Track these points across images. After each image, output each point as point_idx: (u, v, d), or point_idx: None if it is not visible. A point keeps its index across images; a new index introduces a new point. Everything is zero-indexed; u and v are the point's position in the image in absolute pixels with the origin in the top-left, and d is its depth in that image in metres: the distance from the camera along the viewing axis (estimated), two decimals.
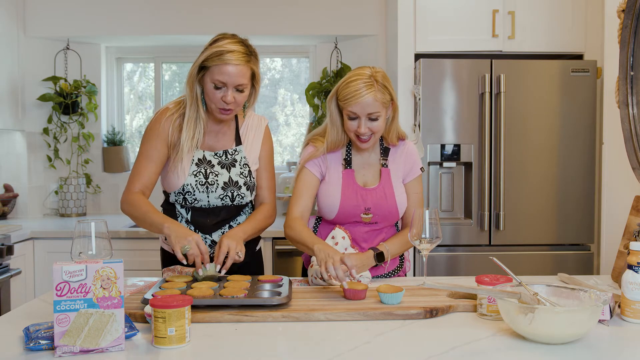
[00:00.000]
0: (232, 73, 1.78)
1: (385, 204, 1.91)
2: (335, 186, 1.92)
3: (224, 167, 1.93)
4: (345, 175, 1.93)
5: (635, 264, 1.44)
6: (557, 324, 1.24)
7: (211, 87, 1.82)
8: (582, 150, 3.02)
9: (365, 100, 1.78)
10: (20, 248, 3.03)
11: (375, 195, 1.91)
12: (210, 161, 1.92)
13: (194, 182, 1.89)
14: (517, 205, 2.99)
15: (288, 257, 3.21)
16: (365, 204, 1.90)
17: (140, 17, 3.71)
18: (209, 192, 1.91)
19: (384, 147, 1.97)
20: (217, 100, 1.83)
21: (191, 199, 1.91)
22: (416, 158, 1.99)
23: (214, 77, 1.80)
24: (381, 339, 1.32)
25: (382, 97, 1.81)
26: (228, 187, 1.92)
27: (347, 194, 1.91)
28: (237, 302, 1.48)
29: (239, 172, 1.95)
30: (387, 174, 1.94)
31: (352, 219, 1.92)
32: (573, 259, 3.02)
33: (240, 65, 1.79)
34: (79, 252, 1.41)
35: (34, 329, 1.30)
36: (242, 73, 1.80)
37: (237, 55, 1.79)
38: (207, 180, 1.90)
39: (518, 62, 2.99)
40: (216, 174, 1.91)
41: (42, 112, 3.77)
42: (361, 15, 3.72)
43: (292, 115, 4.29)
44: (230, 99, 1.81)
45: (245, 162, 1.96)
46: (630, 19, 2.05)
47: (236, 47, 1.80)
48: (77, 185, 3.76)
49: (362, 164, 1.96)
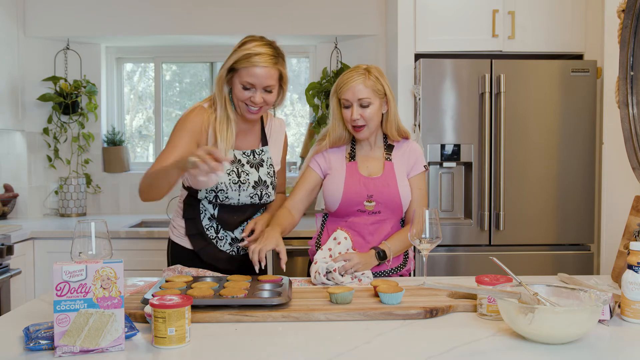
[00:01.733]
0: (260, 75, 1.83)
1: (388, 192, 1.95)
2: (339, 177, 1.99)
3: (252, 166, 1.99)
4: (349, 167, 2.00)
5: (635, 264, 1.44)
6: (557, 324, 1.24)
7: (240, 88, 1.87)
8: (582, 150, 3.02)
9: (356, 86, 1.91)
10: (20, 248, 3.03)
11: (378, 183, 1.96)
12: (240, 160, 1.97)
13: (227, 181, 1.93)
14: (517, 205, 2.99)
15: (288, 257, 3.20)
16: (368, 190, 1.95)
17: (140, 17, 3.71)
18: (240, 191, 1.95)
19: (387, 144, 2.04)
20: (245, 99, 1.88)
21: (222, 197, 1.95)
22: (419, 155, 2.05)
23: (242, 79, 1.85)
24: (381, 339, 1.32)
25: (372, 85, 1.91)
26: (258, 186, 1.98)
27: (350, 182, 1.97)
28: (237, 302, 1.48)
29: (267, 172, 2.01)
30: (390, 166, 2.00)
31: (355, 207, 1.96)
32: (573, 259, 3.02)
33: (268, 68, 1.84)
34: (79, 252, 1.41)
35: (34, 329, 1.30)
36: (270, 75, 1.85)
37: (265, 57, 1.84)
38: (239, 179, 1.95)
39: (518, 62, 2.99)
40: (247, 173, 1.97)
41: (42, 112, 3.77)
42: (361, 15, 3.72)
43: (292, 115, 4.29)
44: (259, 99, 1.86)
45: (270, 162, 2.03)
46: (630, 19, 2.05)
47: (264, 49, 1.85)
48: (77, 185, 3.76)
49: (366, 158, 2.03)
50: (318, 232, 2.08)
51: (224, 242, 2.03)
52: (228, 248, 2.04)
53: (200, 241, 2.01)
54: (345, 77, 1.94)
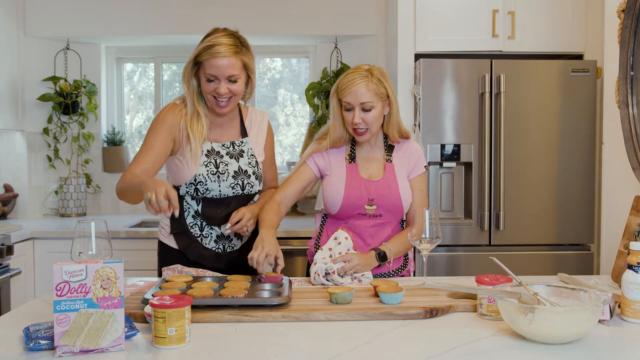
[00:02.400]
0: (221, 65, 1.85)
1: (389, 195, 1.93)
2: (339, 179, 1.96)
3: (232, 157, 1.99)
4: (349, 168, 1.97)
5: (635, 264, 1.44)
6: (557, 324, 1.24)
7: (205, 81, 1.89)
8: (582, 150, 3.02)
9: (359, 90, 1.86)
10: (20, 248, 3.03)
11: (379, 186, 1.94)
12: (219, 152, 1.98)
13: (205, 172, 1.93)
14: (517, 205, 2.99)
15: (288, 257, 3.21)
16: (369, 194, 1.93)
17: (140, 17, 3.71)
18: (220, 181, 1.95)
19: (388, 145, 2.01)
20: (211, 92, 1.89)
21: (203, 189, 1.95)
22: (420, 156, 2.03)
23: (205, 70, 1.87)
24: (381, 339, 1.32)
25: (375, 88, 1.87)
26: (238, 176, 1.98)
27: (350, 185, 1.94)
28: (237, 302, 1.48)
29: (247, 162, 2.01)
30: (391, 168, 1.98)
31: (356, 210, 1.94)
32: (573, 259, 3.02)
33: (228, 57, 1.85)
34: (79, 252, 1.41)
35: (34, 329, 1.30)
36: (232, 64, 1.86)
37: (226, 47, 1.85)
38: (217, 169, 1.95)
39: (518, 62, 2.99)
40: (226, 164, 1.97)
41: (42, 112, 3.77)
42: (361, 15, 3.72)
43: (292, 115, 4.29)
44: (223, 90, 1.87)
45: (252, 152, 2.03)
46: (630, 19, 2.05)
47: (224, 39, 1.86)
48: (77, 185, 3.76)
49: (366, 159, 2.00)
50: (317, 232, 2.06)
51: (209, 239, 2.01)
52: (213, 245, 2.02)
53: (184, 239, 2.00)
54: (347, 78, 1.90)
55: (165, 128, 1.94)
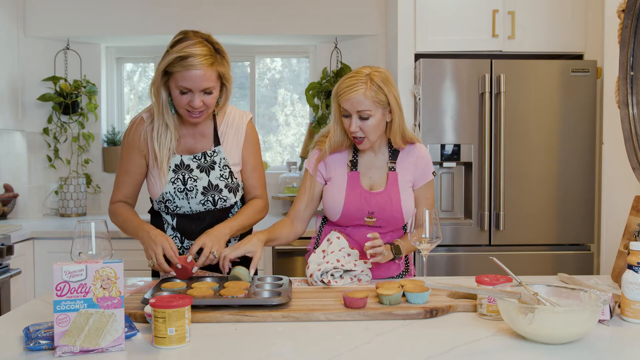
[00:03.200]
0: (196, 78, 1.71)
1: (390, 209, 1.87)
2: (339, 188, 1.90)
3: (203, 170, 1.87)
4: (350, 177, 1.91)
5: (635, 264, 1.44)
6: (557, 324, 1.24)
7: (177, 93, 1.75)
8: (582, 150, 3.02)
9: (355, 97, 1.76)
10: (20, 248, 3.03)
11: (380, 199, 1.88)
12: (188, 165, 1.86)
13: (172, 190, 1.85)
14: (517, 205, 2.99)
15: (288, 257, 3.21)
16: (370, 207, 1.88)
17: (140, 17, 3.71)
18: (189, 199, 1.86)
19: (392, 150, 1.92)
20: (184, 105, 1.76)
21: (172, 206, 1.88)
22: (428, 162, 1.94)
23: (178, 83, 1.73)
24: (381, 339, 1.32)
25: (373, 96, 1.77)
26: (208, 192, 1.87)
27: (351, 197, 1.88)
28: (237, 302, 1.48)
29: (219, 175, 1.88)
30: (394, 177, 1.90)
31: (355, 221, 1.91)
32: (573, 259, 3.02)
33: (203, 70, 1.71)
34: (79, 252, 1.41)
35: (34, 329, 1.30)
36: (207, 77, 1.72)
37: (200, 59, 1.70)
38: (185, 186, 1.85)
39: (518, 62, 2.99)
40: (195, 179, 1.86)
41: (42, 112, 3.77)
42: (361, 15, 3.72)
43: (292, 115, 4.29)
44: (197, 103, 1.74)
45: (225, 163, 1.90)
46: (630, 19, 2.05)
47: (198, 49, 1.71)
48: (77, 185, 3.76)
49: (368, 166, 1.93)
50: (317, 234, 2.04)
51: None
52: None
53: None
54: (345, 83, 1.80)
55: (134, 148, 1.87)
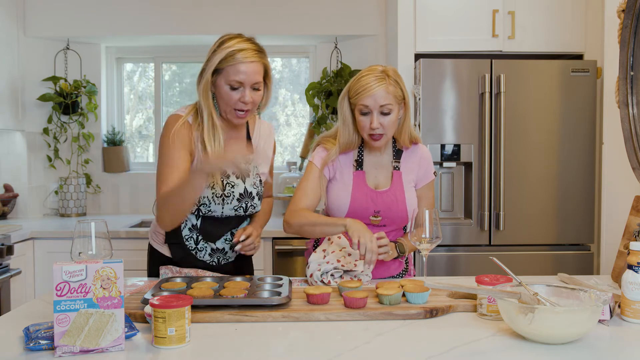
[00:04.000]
0: (248, 71, 1.76)
1: (396, 208, 1.89)
2: (345, 187, 1.91)
3: (238, 177, 1.89)
4: (356, 176, 1.91)
5: (635, 264, 1.44)
6: (557, 324, 1.24)
7: (227, 90, 1.77)
8: (582, 150, 3.02)
9: (378, 93, 1.78)
10: (20, 248, 3.03)
11: (386, 198, 1.89)
12: (225, 171, 1.85)
13: (210, 195, 1.84)
14: (517, 205, 2.99)
15: (288, 257, 3.21)
16: (375, 206, 1.89)
17: (140, 17, 3.71)
18: (224, 204, 1.86)
19: (396, 150, 1.95)
20: (234, 103, 1.78)
21: (205, 210, 1.86)
22: (429, 162, 1.97)
23: (229, 78, 1.76)
24: (381, 339, 1.32)
25: (394, 91, 1.80)
26: (243, 199, 1.89)
27: (357, 196, 1.89)
28: (237, 302, 1.48)
29: (253, 183, 1.92)
30: (399, 176, 1.92)
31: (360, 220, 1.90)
32: (573, 259, 3.02)
33: (255, 62, 1.77)
34: (79, 252, 1.41)
35: (34, 329, 1.30)
36: (257, 70, 1.78)
37: (250, 52, 1.76)
38: (223, 192, 1.85)
39: (518, 62, 2.99)
40: (232, 185, 1.87)
41: (42, 112, 3.77)
42: (361, 15, 3.72)
43: (292, 115, 4.29)
44: (249, 98, 1.77)
45: (257, 171, 1.94)
46: (630, 19, 2.05)
47: (247, 45, 1.78)
48: (77, 185, 3.76)
49: (374, 165, 1.94)
50: None
51: (204, 252, 1.93)
52: (208, 259, 1.94)
53: (179, 251, 1.92)
54: (363, 81, 1.80)
55: (182, 144, 1.81)
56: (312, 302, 1.52)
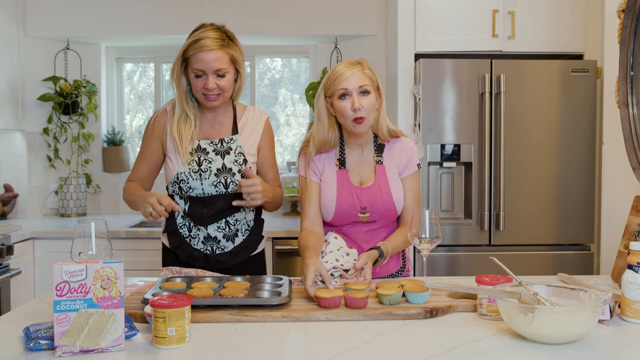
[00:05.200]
0: (208, 59, 1.83)
1: (381, 201, 1.89)
2: (330, 187, 1.91)
3: (218, 154, 1.96)
4: (339, 175, 1.92)
5: (635, 264, 1.44)
6: (557, 324, 1.24)
7: (193, 77, 1.88)
8: (582, 150, 3.02)
9: (355, 74, 1.82)
10: (20, 248, 3.03)
11: (370, 193, 1.89)
12: (205, 149, 1.96)
13: (187, 170, 1.93)
14: (517, 205, 2.99)
15: (288, 257, 3.21)
16: (361, 202, 1.89)
17: (140, 17, 3.71)
18: (202, 180, 1.93)
19: (378, 144, 1.95)
20: (200, 89, 1.88)
21: (186, 187, 1.95)
22: (412, 154, 1.95)
23: (193, 66, 1.86)
24: (381, 339, 1.32)
25: (369, 74, 1.85)
26: (221, 174, 1.94)
27: (342, 195, 1.89)
28: (237, 302, 1.48)
29: (233, 160, 1.96)
30: (382, 170, 1.92)
31: (349, 219, 1.91)
32: (573, 259, 3.02)
33: (215, 50, 1.84)
34: (79, 252, 1.41)
35: (34, 329, 1.30)
36: (218, 57, 1.84)
37: (212, 40, 1.83)
38: (200, 167, 1.94)
39: (518, 62, 2.99)
40: (210, 161, 1.95)
41: (42, 112, 3.77)
42: (361, 15, 3.72)
43: (293, 115, 4.29)
44: (211, 85, 1.86)
45: (240, 150, 1.98)
46: (630, 19, 2.05)
47: (211, 33, 1.85)
48: (77, 185, 3.76)
49: (356, 162, 1.94)
50: None
51: (197, 240, 1.99)
52: (202, 247, 2.00)
53: (175, 239, 2.01)
54: (337, 70, 1.84)
55: (154, 135, 2.00)
56: (323, 305, 1.50)
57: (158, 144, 1.99)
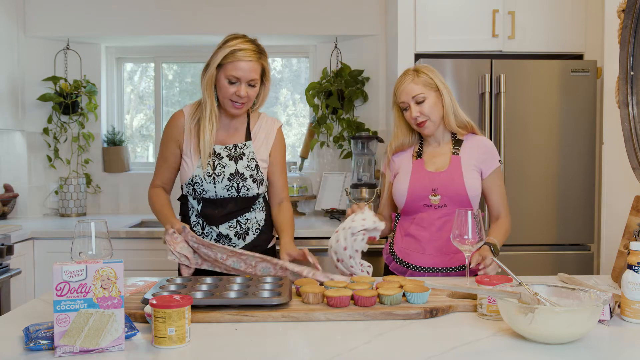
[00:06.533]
0: (245, 69, 1.96)
1: (453, 185, 1.96)
2: (405, 175, 2.05)
3: (231, 159, 2.06)
4: (415, 164, 2.06)
5: (635, 264, 1.44)
6: (557, 324, 1.24)
7: (225, 83, 1.98)
8: (582, 150, 3.02)
9: (407, 87, 1.99)
10: (20, 248, 3.03)
11: (442, 177, 1.99)
12: (219, 154, 2.05)
13: (201, 173, 2.02)
14: (517, 205, 2.99)
15: None
16: (433, 184, 1.98)
17: (140, 17, 3.71)
18: (215, 183, 2.02)
19: (456, 139, 2.06)
20: (230, 95, 1.98)
21: (199, 190, 2.04)
22: (491, 149, 2.04)
23: (228, 73, 1.97)
24: (381, 339, 1.32)
25: (423, 80, 1.99)
26: (234, 178, 2.03)
27: (415, 178, 2.02)
28: (237, 302, 1.48)
29: (246, 165, 2.06)
30: (457, 160, 2.01)
31: (421, 202, 1.99)
32: (573, 259, 3.02)
33: (252, 62, 1.97)
34: (79, 252, 1.41)
35: (34, 329, 1.30)
36: (254, 69, 1.98)
37: (249, 52, 1.97)
38: (214, 171, 2.02)
39: (518, 62, 2.99)
40: (223, 166, 2.04)
41: (42, 112, 3.77)
42: (361, 15, 3.72)
43: (293, 115, 4.29)
44: (244, 93, 1.98)
45: (252, 156, 2.08)
46: (630, 19, 2.05)
47: (247, 45, 1.99)
48: (77, 185, 3.76)
49: (433, 154, 2.07)
50: (391, 230, 2.13)
51: (210, 237, 2.07)
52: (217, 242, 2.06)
53: None
54: (397, 84, 2.03)
55: (172, 138, 2.09)
56: (331, 304, 1.51)
57: (176, 146, 2.08)
